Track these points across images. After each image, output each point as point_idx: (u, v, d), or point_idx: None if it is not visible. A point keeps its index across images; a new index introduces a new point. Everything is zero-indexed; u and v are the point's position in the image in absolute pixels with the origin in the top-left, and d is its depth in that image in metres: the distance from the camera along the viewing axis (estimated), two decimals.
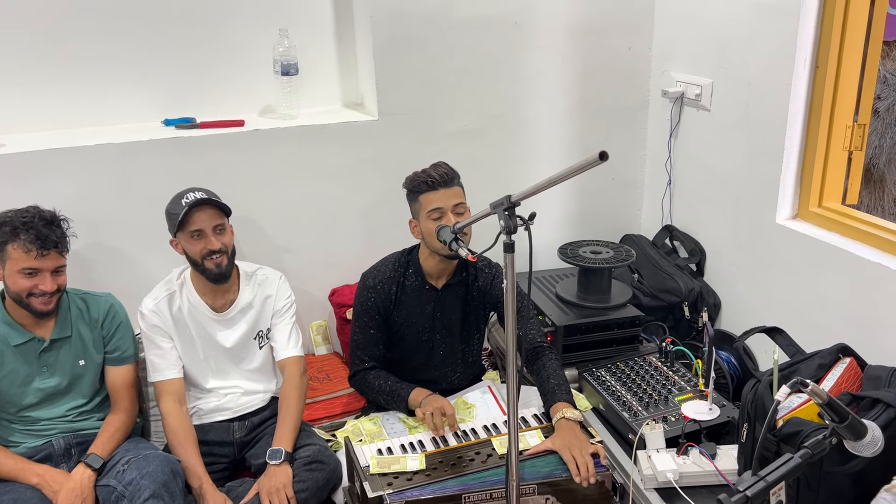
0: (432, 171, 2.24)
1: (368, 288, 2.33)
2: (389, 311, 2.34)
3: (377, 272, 2.36)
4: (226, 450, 2.33)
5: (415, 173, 2.28)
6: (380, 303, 2.32)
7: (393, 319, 2.36)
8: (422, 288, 2.35)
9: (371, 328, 2.34)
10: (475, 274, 2.40)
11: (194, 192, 2.23)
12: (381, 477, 1.94)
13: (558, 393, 2.18)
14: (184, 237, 2.22)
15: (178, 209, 2.19)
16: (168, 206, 2.26)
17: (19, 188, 2.42)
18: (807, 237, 2.43)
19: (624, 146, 3.17)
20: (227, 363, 2.37)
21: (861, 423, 1.34)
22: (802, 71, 2.39)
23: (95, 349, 2.22)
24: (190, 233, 2.20)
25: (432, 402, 2.19)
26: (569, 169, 1.42)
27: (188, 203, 2.18)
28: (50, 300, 2.09)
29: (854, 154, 2.46)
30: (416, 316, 2.36)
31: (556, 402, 2.15)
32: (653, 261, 3.01)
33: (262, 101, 2.88)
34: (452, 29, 2.80)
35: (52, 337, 2.16)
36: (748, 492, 1.26)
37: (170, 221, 2.25)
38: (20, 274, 2.04)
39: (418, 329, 2.37)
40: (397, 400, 2.29)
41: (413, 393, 2.27)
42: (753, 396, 1.92)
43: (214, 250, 2.22)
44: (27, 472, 2.07)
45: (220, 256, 2.23)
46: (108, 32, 2.62)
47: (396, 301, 2.34)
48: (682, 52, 2.93)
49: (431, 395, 2.24)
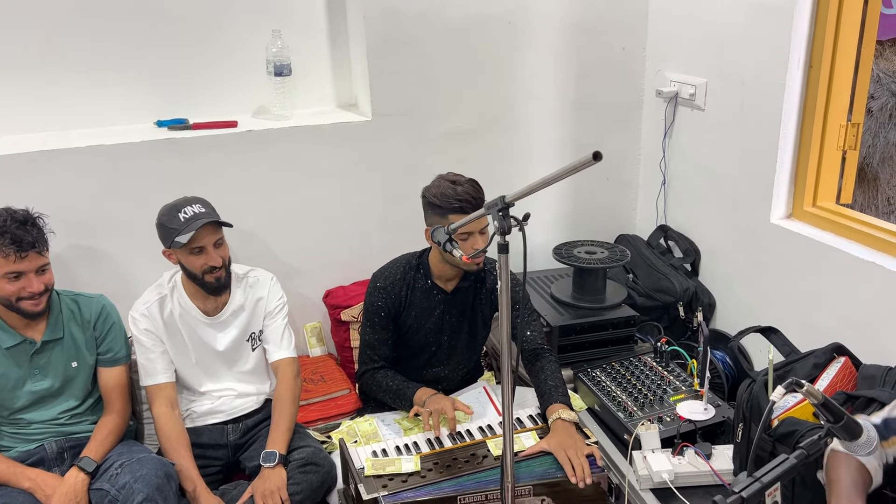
0: (464, 193, 2.15)
1: (379, 289, 2.33)
2: (399, 312, 2.34)
3: (388, 273, 2.35)
4: (220, 452, 2.32)
5: (445, 189, 2.17)
6: (390, 304, 2.32)
7: (402, 321, 2.35)
8: (431, 291, 2.34)
9: (380, 328, 2.34)
10: (483, 277, 2.39)
11: (191, 204, 2.18)
12: (376, 479, 1.94)
13: (555, 394, 2.18)
14: (181, 252, 2.18)
15: (176, 224, 2.15)
16: (162, 217, 2.20)
17: (10, 190, 2.40)
18: (801, 236, 2.44)
19: (618, 146, 3.17)
20: (219, 366, 2.36)
21: (856, 423, 1.34)
22: (796, 70, 2.39)
23: (88, 350, 2.21)
24: (190, 248, 2.17)
25: (435, 402, 2.18)
26: (563, 169, 1.42)
27: (188, 219, 2.14)
28: (39, 300, 2.08)
29: (848, 153, 2.46)
30: (425, 318, 2.35)
31: (553, 403, 2.15)
32: (647, 261, 3.01)
33: (255, 102, 2.87)
34: (446, 29, 2.80)
35: (44, 339, 2.14)
36: (743, 493, 1.25)
37: (164, 234, 2.19)
38: (4, 279, 2.03)
39: (426, 331, 2.37)
40: (403, 399, 2.28)
41: (418, 392, 2.26)
42: (749, 396, 1.92)
43: (217, 266, 2.20)
44: (19, 476, 2.05)
45: (220, 270, 2.22)
46: (100, 33, 2.60)
47: (406, 303, 2.33)
48: (676, 51, 2.93)
49: (436, 395, 2.23)
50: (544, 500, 1.94)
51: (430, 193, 2.21)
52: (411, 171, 2.86)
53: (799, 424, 1.78)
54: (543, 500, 1.94)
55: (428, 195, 2.22)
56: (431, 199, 2.19)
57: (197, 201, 2.21)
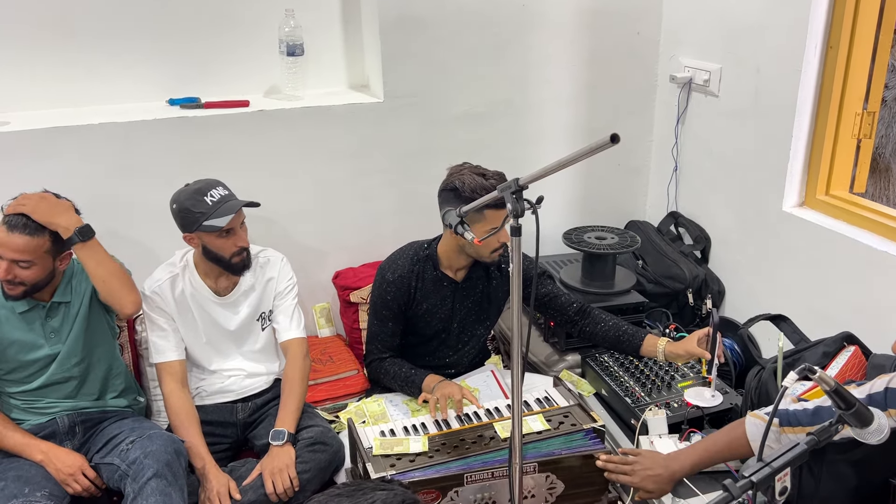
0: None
1: (388, 283, 2.30)
2: (409, 305, 2.32)
3: (395, 266, 2.32)
4: (229, 430, 2.34)
5: (475, 182, 2.09)
6: (399, 297, 2.30)
7: (412, 313, 2.34)
8: (441, 282, 2.33)
9: (389, 321, 2.33)
10: (497, 263, 2.37)
11: (214, 187, 2.17)
12: (383, 458, 1.95)
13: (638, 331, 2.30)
14: (210, 236, 2.17)
15: (203, 207, 2.13)
16: (185, 201, 2.15)
17: (23, 166, 2.41)
18: (813, 225, 2.43)
19: (630, 131, 3.15)
20: (229, 345, 2.37)
21: (867, 411, 1.34)
22: (813, 57, 2.37)
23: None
24: (221, 231, 2.16)
25: (442, 388, 2.19)
26: (579, 151, 1.41)
27: (216, 202, 2.13)
28: (15, 288, 2.06)
29: (863, 142, 2.44)
30: (436, 309, 2.34)
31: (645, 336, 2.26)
32: (657, 247, 3.00)
33: (267, 82, 2.86)
34: (460, 10, 2.78)
35: (55, 299, 2.14)
36: (753, 477, 1.25)
37: (188, 218, 2.15)
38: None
39: (437, 320, 2.36)
40: (412, 386, 2.29)
41: (427, 379, 2.26)
42: (758, 383, 1.93)
43: (246, 247, 2.21)
44: (32, 448, 2.07)
45: (246, 251, 2.23)
46: (113, 11, 2.60)
47: (416, 295, 2.32)
48: (690, 37, 2.90)
49: (444, 381, 2.24)
50: (549, 476, 1.95)
51: (458, 184, 2.11)
52: (422, 153, 2.86)
53: None
54: (548, 476, 1.95)
55: (457, 186, 2.11)
56: (463, 192, 2.10)
57: (218, 183, 2.20)
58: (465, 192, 2.10)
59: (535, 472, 1.94)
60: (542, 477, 1.95)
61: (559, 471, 1.95)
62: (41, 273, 2.05)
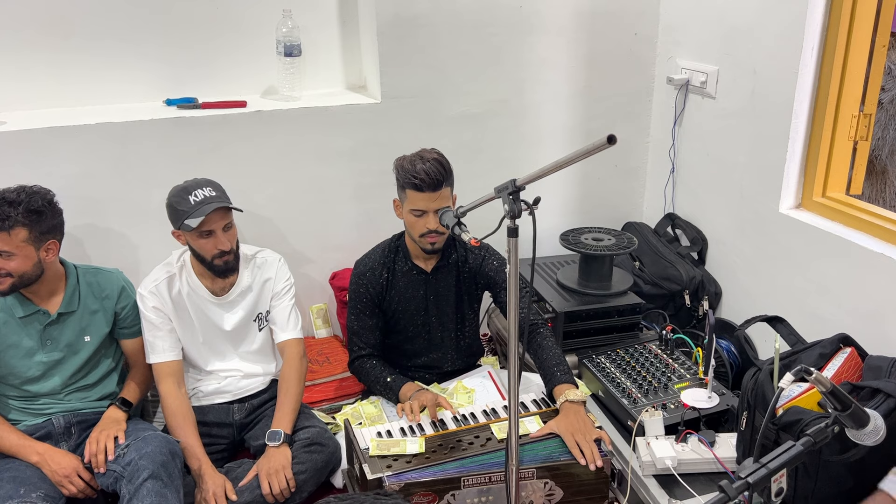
0: (423, 171, 2.12)
1: (359, 275, 2.34)
2: (382, 296, 2.34)
3: (367, 259, 2.36)
4: (225, 431, 2.33)
5: (405, 165, 2.18)
6: (371, 289, 2.32)
7: (386, 305, 2.36)
8: (411, 272, 2.35)
9: (365, 315, 2.35)
10: (465, 255, 2.39)
11: (202, 187, 2.17)
12: (380, 459, 1.95)
13: (559, 374, 2.17)
14: (191, 235, 2.18)
15: (185, 206, 2.14)
16: (173, 198, 2.19)
17: (20, 166, 2.41)
18: (810, 227, 2.43)
19: (627, 133, 3.16)
20: (226, 346, 2.37)
21: (864, 412, 1.34)
22: (809, 59, 2.37)
23: (105, 324, 2.23)
24: (199, 232, 2.16)
25: (418, 396, 2.20)
26: (576, 152, 1.41)
27: (198, 203, 2.13)
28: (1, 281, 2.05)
29: (859, 144, 2.45)
30: (409, 300, 2.36)
31: (558, 384, 2.15)
32: (654, 248, 3.00)
33: (264, 83, 2.86)
34: (457, 12, 2.78)
35: (60, 310, 2.15)
36: (750, 478, 1.26)
37: (173, 215, 2.19)
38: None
39: (412, 313, 2.37)
40: (390, 392, 2.31)
41: (404, 388, 2.27)
42: (754, 385, 1.93)
43: (226, 251, 2.20)
44: (28, 449, 2.07)
45: (229, 255, 2.22)
46: (110, 11, 2.59)
47: (388, 286, 2.34)
48: (687, 38, 2.91)
49: (421, 391, 2.24)
50: (547, 482, 1.95)
51: (397, 163, 2.23)
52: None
53: (803, 413, 1.78)
54: (546, 482, 1.95)
55: (395, 164, 2.23)
56: (394, 172, 2.22)
57: (208, 184, 2.20)
58: (396, 168, 2.21)
59: (532, 479, 1.94)
60: (541, 483, 1.95)
61: (558, 477, 1.95)
62: (26, 264, 2.05)
